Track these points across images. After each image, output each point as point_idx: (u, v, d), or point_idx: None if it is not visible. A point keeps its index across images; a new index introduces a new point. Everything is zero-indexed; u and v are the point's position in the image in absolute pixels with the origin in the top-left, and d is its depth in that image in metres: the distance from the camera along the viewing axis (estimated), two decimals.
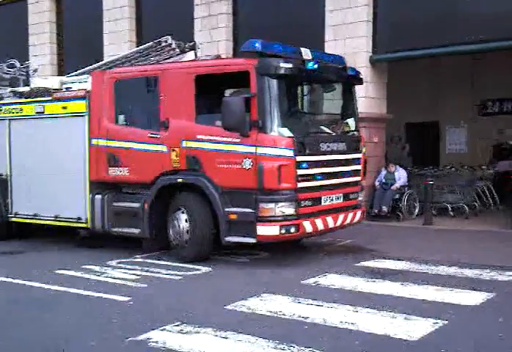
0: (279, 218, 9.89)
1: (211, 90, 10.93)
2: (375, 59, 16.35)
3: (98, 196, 11.71)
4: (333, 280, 9.27)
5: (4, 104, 13.42)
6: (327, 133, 11.16)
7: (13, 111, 13.12)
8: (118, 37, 21.08)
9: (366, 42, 16.24)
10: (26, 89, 13.77)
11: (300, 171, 10.07)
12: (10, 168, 13.23)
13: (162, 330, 6.95)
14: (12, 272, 10.19)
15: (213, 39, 18.72)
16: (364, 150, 11.72)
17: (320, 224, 10.48)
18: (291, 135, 9.98)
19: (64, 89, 12.77)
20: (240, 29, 18.69)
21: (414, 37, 15.89)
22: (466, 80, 21.40)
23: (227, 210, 10.17)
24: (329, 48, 16.20)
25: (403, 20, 16.17)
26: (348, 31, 16.31)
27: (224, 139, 10.20)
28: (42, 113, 12.60)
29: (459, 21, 15.17)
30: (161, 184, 10.97)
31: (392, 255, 11.11)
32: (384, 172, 16.35)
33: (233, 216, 10.12)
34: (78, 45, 22.61)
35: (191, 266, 10.34)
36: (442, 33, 15.31)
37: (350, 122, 11.66)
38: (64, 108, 12.17)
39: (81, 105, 11.89)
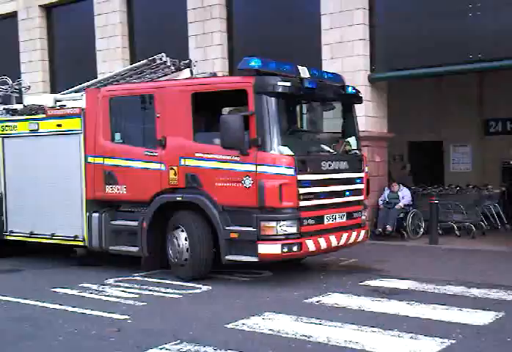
0: (281, 237, 9.74)
1: (209, 108, 10.91)
2: (373, 78, 16.23)
3: (95, 215, 11.57)
4: (337, 299, 9.09)
5: None
6: (328, 151, 11.05)
7: (7, 128, 12.98)
8: (111, 54, 20.89)
9: (364, 61, 16.11)
10: (20, 106, 13.64)
11: (302, 190, 9.93)
12: (5, 185, 13.09)
13: (161, 349, 6.79)
14: (9, 290, 10.05)
15: (209, 56, 18.53)
16: (367, 169, 11.59)
17: (323, 242, 10.31)
18: (291, 153, 9.86)
19: (58, 107, 12.62)
20: (235, 47, 18.53)
21: (414, 56, 15.76)
22: (472, 98, 21.13)
23: (227, 228, 10.03)
24: (327, 66, 16.02)
25: (401, 39, 16.03)
26: (346, 50, 16.18)
27: (224, 157, 10.08)
28: (37, 130, 12.47)
29: (460, 40, 15.04)
30: (159, 202, 10.82)
31: (398, 274, 10.92)
32: (387, 192, 16.13)
33: (234, 235, 9.98)
34: (71, 62, 22.38)
35: (191, 285, 10.18)
36: (443, 51, 15.18)
37: (352, 140, 11.55)
38: (59, 125, 12.05)
39: (76, 123, 11.78)
